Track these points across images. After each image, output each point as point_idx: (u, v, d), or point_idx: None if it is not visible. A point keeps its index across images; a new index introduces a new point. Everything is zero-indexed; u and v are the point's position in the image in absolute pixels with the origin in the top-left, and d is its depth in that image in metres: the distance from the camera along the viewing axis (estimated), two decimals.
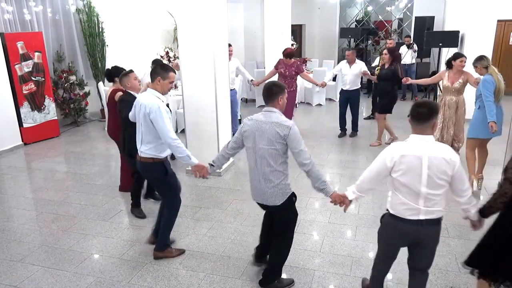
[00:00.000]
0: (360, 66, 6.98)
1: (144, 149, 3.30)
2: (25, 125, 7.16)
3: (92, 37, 8.52)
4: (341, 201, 2.81)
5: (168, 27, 9.79)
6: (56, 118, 7.72)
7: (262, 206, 3.03)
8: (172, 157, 5.89)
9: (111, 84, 4.85)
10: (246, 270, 3.40)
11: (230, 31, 7.03)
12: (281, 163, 2.80)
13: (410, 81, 6.32)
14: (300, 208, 4.47)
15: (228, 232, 4.02)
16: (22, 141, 7.14)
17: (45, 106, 7.48)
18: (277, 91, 2.81)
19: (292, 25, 9.68)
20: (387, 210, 2.62)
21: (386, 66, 6.52)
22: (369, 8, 13.23)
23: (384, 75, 6.50)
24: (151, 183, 3.53)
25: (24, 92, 7.12)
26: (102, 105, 8.38)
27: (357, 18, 13.39)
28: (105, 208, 4.64)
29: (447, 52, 8.65)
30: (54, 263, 3.56)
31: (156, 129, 3.16)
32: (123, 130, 4.19)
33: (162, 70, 3.24)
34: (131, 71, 4.59)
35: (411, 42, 9.98)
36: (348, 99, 7.14)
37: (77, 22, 8.51)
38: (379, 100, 6.88)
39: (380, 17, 12.94)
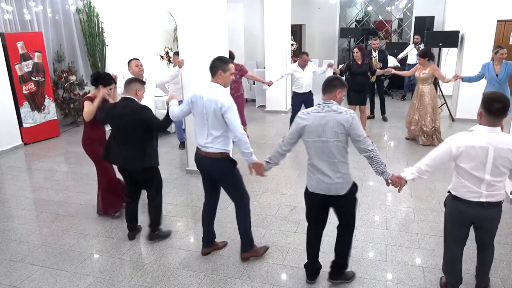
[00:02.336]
0: (311, 68, 7.09)
1: (212, 145, 3.20)
2: (25, 125, 7.16)
3: (92, 37, 8.52)
4: (398, 182, 2.88)
5: (168, 27, 9.78)
6: (56, 118, 7.73)
7: (318, 201, 3.01)
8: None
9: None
10: (246, 270, 3.40)
11: (230, 31, 7.02)
12: (344, 153, 2.83)
13: (395, 71, 7.18)
14: (300, 208, 4.49)
15: (228, 232, 4.02)
16: (22, 141, 7.14)
17: (45, 106, 7.48)
18: (338, 85, 2.84)
19: (292, 25, 9.67)
20: (449, 192, 2.78)
21: (359, 63, 6.87)
22: (369, 8, 13.23)
23: (361, 71, 6.87)
24: (219, 179, 3.37)
25: (24, 92, 7.12)
26: None
27: (357, 18, 13.39)
28: None
29: (447, 52, 8.67)
30: (54, 263, 3.56)
31: (228, 124, 3.11)
32: (146, 141, 3.66)
33: (221, 63, 3.19)
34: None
35: (420, 41, 9.96)
36: (304, 102, 7.09)
37: (77, 22, 8.51)
38: (357, 94, 7.02)
39: (380, 17, 12.94)
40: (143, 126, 3.52)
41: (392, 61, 9.46)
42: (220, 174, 3.35)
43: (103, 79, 4.06)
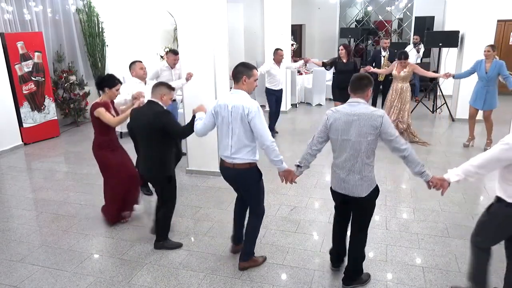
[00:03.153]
0: (285, 64, 7.23)
1: (239, 155, 3.04)
2: (25, 125, 7.16)
3: (92, 37, 8.52)
4: (441, 184, 2.76)
5: (168, 27, 9.78)
6: (56, 118, 7.72)
7: (339, 199, 3.00)
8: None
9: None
10: (246, 270, 3.40)
11: (230, 31, 7.02)
12: (370, 154, 2.78)
13: (372, 70, 7.20)
14: (300, 208, 4.49)
15: (228, 232, 4.01)
16: (22, 141, 7.14)
17: (45, 106, 7.48)
18: (368, 83, 2.79)
19: (292, 25, 9.67)
20: (499, 198, 2.60)
21: (345, 61, 7.00)
22: (369, 8, 13.23)
23: (346, 69, 6.96)
24: (244, 189, 3.24)
25: (24, 92, 7.12)
26: None
27: (357, 18, 13.39)
28: None
29: (447, 52, 8.67)
30: (54, 263, 3.56)
31: (254, 130, 2.96)
32: (164, 149, 3.53)
33: (245, 68, 3.05)
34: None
35: (419, 41, 9.96)
36: (276, 99, 7.17)
37: (77, 22, 8.51)
38: (341, 91, 7.07)
39: (380, 17, 12.93)
40: (162, 131, 3.36)
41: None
42: (245, 184, 3.21)
43: (107, 81, 3.91)
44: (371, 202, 2.94)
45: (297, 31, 13.06)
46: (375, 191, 2.91)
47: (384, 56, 8.36)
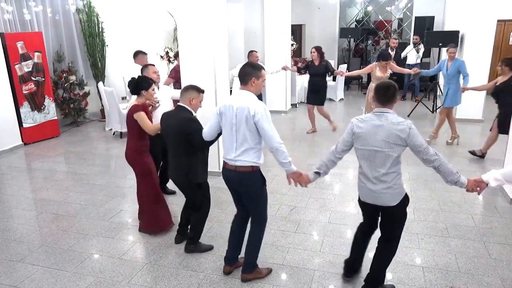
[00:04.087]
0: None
1: (242, 158, 2.94)
2: (25, 125, 7.16)
3: (92, 37, 8.52)
4: (477, 185, 2.71)
5: (168, 27, 9.79)
6: (56, 118, 7.72)
7: (369, 209, 2.93)
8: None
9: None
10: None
11: (230, 31, 7.02)
12: (396, 163, 2.73)
13: (345, 74, 7.54)
14: (300, 208, 4.49)
15: (228, 232, 4.01)
16: (22, 141, 7.14)
17: (45, 106, 7.48)
18: (394, 92, 2.73)
19: (292, 25, 9.67)
20: None
21: (316, 63, 7.02)
22: (369, 8, 13.24)
23: (316, 72, 7.02)
24: (246, 195, 3.10)
25: (24, 92, 7.12)
26: (102, 105, 8.38)
27: (357, 18, 13.39)
28: (105, 208, 4.64)
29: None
30: (54, 263, 3.56)
31: (261, 133, 2.88)
32: (189, 155, 3.39)
33: (254, 69, 2.96)
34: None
35: (419, 41, 9.97)
36: None
37: (77, 22, 8.51)
38: (315, 94, 7.18)
39: (380, 17, 12.94)
40: (186, 139, 3.27)
41: None
42: (247, 189, 3.06)
43: (142, 84, 3.72)
44: (402, 211, 2.86)
45: (297, 31, 13.06)
46: (405, 199, 2.84)
47: (391, 55, 8.41)
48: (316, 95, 7.18)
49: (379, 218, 2.97)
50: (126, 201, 4.83)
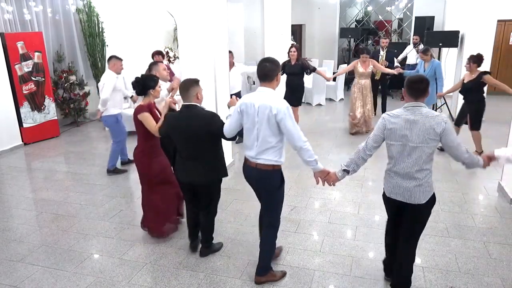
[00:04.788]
0: (240, 69, 6.93)
1: (263, 156, 2.91)
2: (25, 125, 7.16)
3: (92, 37, 8.52)
4: (490, 161, 2.81)
5: (168, 27, 9.78)
6: (56, 118, 7.72)
7: (395, 206, 2.87)
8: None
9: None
10: (246, 270, 3.40)
11: (230, 31, 7.02)
12: (429, 160, 2.70)
13: (332, 77, 7.63)
14: (300, 208, 4.49)
15: (228, 232, 4.02)
16: (22, 141, 7.14)
17: (45, 106, 7.48)
18: (427, 86, 2.70)
19: (292, 25, 9.67)
20: None
21: (293, 63, 6.90)
22: (369, 8, 13.23)
23: (291, 71, 6.90)
24: (262, 193, 3.10)
25: (24, 92, 7.12)
26: None
27: (357, 18, 13.39)
28: (105, 208, 4.64)
29: (447, 52, 8.67)
30: (54, 263, 3.56)
31: (285, 132, 2.83)
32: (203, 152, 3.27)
33: (276, 65, 2.92)
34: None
35: (419, 41, 9.98)
36: None
37: (77, 22, 8.51)
38: (290, 94, 7.05)
39: (380, 17, 12.93)
40: (212, 136, 3.17)
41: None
42: (264, 187, 3.05)
43: (149, 83, 3.61)
44: (429, 209, 2.83)
45: (297, 31, 13.06)
46: (433, 198, 2.81)
47: (381, 56, 8.40)
48: (292, 95, 6.96)
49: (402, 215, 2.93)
50: (126, 201, 4.83)
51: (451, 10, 10.15)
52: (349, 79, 11.92)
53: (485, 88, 6.05)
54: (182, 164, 3.33)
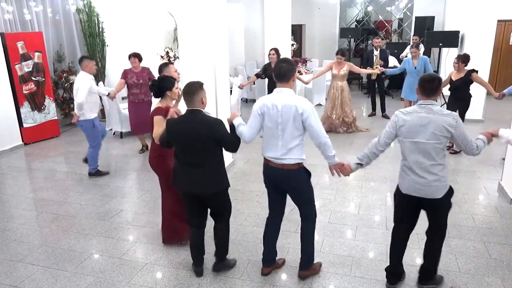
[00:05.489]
0: None
1: (289, 155, 2.93)
2: (25, 125, 7.16)
3: (92, 37, 8.53)
4: (493, 137, 2.92)
5: (168, 27, 9.78)
6: (56, 118, 7.72)
7: (411, 202, 2.91)
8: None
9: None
10: (246, 270, 3.40)
11: (230, 31, 7.01)
12: (443, 156, 2.76)
13: (310, 80, 7.66)
14: None
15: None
16: (22, 141, 7.14)
17: (45, 106, 7.48)
18: (439, 85, 2.79)
19: (292, 25, 9.67)
20: None
21: (273, 66, 6.74)
22: (369, 8, 13.23)
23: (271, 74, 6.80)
24: (294, 191, 3.10)
25: (24, 92, 7.12)
26: (102, 105, 8.37)
27: (357, 18, 13.38)
28: (105, 208, 4.64)
29: (447, 52, 8.67)
30: (54, 263, 3.56)
31: (310, 130, 2.87)
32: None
33: (292, 65, 2.95)
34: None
35: (418, 41, 9.98)
36: None
37: (77, 22, 8.52)
38: None
39: (380, 17, 12.93)
40: (216, 143, 3.02)
41: (392, 61, 9.52)
42: (296, 184, 3.07)
43: (166, 84, 3.48)
44: (448, 202, 2.90)
45: (297, 31, 13.06)
46: (450, 191, 2.87)
47: (376, 56, 8.40)
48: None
49: (419, 212, 3.00)
50: (126, 201, 4.83)
51: (451, 10, 10.15)
52: (349, 79, 11.92)
53: (484, 89, 6.28)
54: (182, 171, 3.15)
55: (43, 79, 7.40)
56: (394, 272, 3.13)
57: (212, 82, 5.18)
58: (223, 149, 3.10)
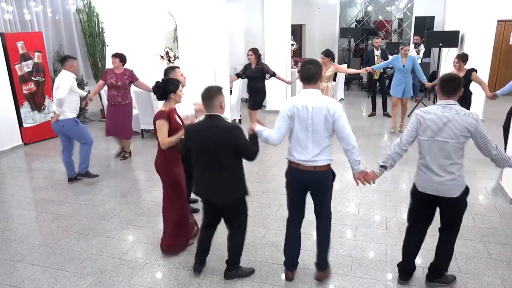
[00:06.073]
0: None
1: (320, 157, 2.91)
2: (25, 125, 7.16)
3: (92, 37, 8.52)
4: None
5: (168, 27, 9.79)
6: None
7: (427, 201, 2.93)
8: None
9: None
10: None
11: (230, 31, 7.02)
12: (461, 155, 2.80)
13: (293, 81, 7.62)
14: None
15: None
16: (22, 141, 7.14)
17: (45, 106, 7.48)
18: (458, 84, 2.79)
19: (292, 25, 9.67)
20: None
21: (253, 66, 6.77)
22: (369, 8, 13.23)
23: (251, 75, 6.80)
24: (321, 193, 3.06)
25: (24, 92, 7.12)
26: (102, 105, 8.38)
27: (357, 18, 13.38)
28: (105, 208, 4.64)
29: (447, 52, 8.67)
30: (54, 263, 3.56)
31: (340, 131, 2.85)
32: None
33: (319, 67, 2.93)
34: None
35: (419, 41, 9.99)
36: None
37: (77, 22, 8.51)
38: (250, 97, 7.06)
39: (380, 17, 12.94)
40: (233, 150, 2.94)
41: None
42: (324, 186, 3.05)
43: (169, 87, 3.39)
44: (463, 201, 2.92)
45: (297, 31, 13.06)
46: (466, 190, 2.91)
47: (377, 55, 8.44)
48: (251, 99, 6.95)
49: (435, 210, 3.01)
50: (126, 201, 4.83)
51: (451, 10, 10.15)
52: (349, 79, 11.94)
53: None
54: (199, 177, 3.13)
55: (43, 79, 7.40)
56: (407, 269, 3.18)
57: (212, 82, 5.18)
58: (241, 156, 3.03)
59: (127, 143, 6.32)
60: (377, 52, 8.51)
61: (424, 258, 3.50)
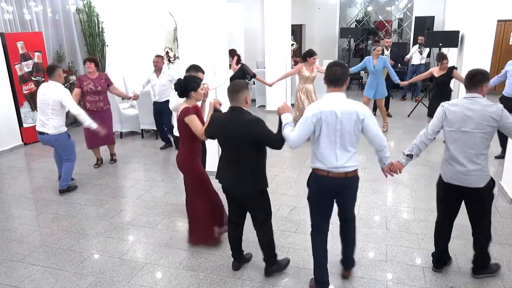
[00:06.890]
0: (167, 76, 6.30)
1: (350, 163, 2.82)
2: (25, 125, 7.16)
3: (92, 37, 8.52)
4: None
5: (168, 27, 9.79)
6: None
7: (453, 191, 3.00)
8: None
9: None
10: (246, 270, 3.40)
11: (230, 31, 7.01)
12: (486, 146, 2.86)
13: (274, 82, 7.15)
14: (301, 208, 4.49)
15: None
16: (22, 141, 7.14)
17: None
18: (482, 79, 2.88)
19: (292, 25, 9.68)
20: None
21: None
22: (369, 8, 13.24)
23: (235, 75, 6.71)
24: (350, 197, 3.03)
25: (24, 92, 7.12)
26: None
27: (357, 18, 13.39)
28: (105, 208, 4.64)
29: (447, 52, 8.66)
30: (54, 263, 3.56)
31: (371, 134, 2.81)
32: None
33: (347, 69, 2.88)
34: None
35: (423, 41, 9.99)
36: (160, 112, 6.40)
37: (77, 22, 8.50)
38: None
39: (380, 17, 12.94)
40: (256, 142, 2.93)
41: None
42: (353, 192, 3.01)
43: (191, 85, 3.39)
44: (489, 191, 2.98)
45: (297, 31, 13.07)
46: (491, 181, 2.97)
47: (387, 55, 8.46)
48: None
49: (461, 203, 3.07)
50: (126, 201, 4.83)
51: (451, 10, 10.15)
52: (349, 79, 11.93)
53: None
54: (222, 165, 3.15)
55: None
56: (439, 258, 3.30)
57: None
58: (267, 147, 3.01)
59: (113, 147, 6.24)
60: (386, 52, 8.55)
61: (424, 258, 3.50)
